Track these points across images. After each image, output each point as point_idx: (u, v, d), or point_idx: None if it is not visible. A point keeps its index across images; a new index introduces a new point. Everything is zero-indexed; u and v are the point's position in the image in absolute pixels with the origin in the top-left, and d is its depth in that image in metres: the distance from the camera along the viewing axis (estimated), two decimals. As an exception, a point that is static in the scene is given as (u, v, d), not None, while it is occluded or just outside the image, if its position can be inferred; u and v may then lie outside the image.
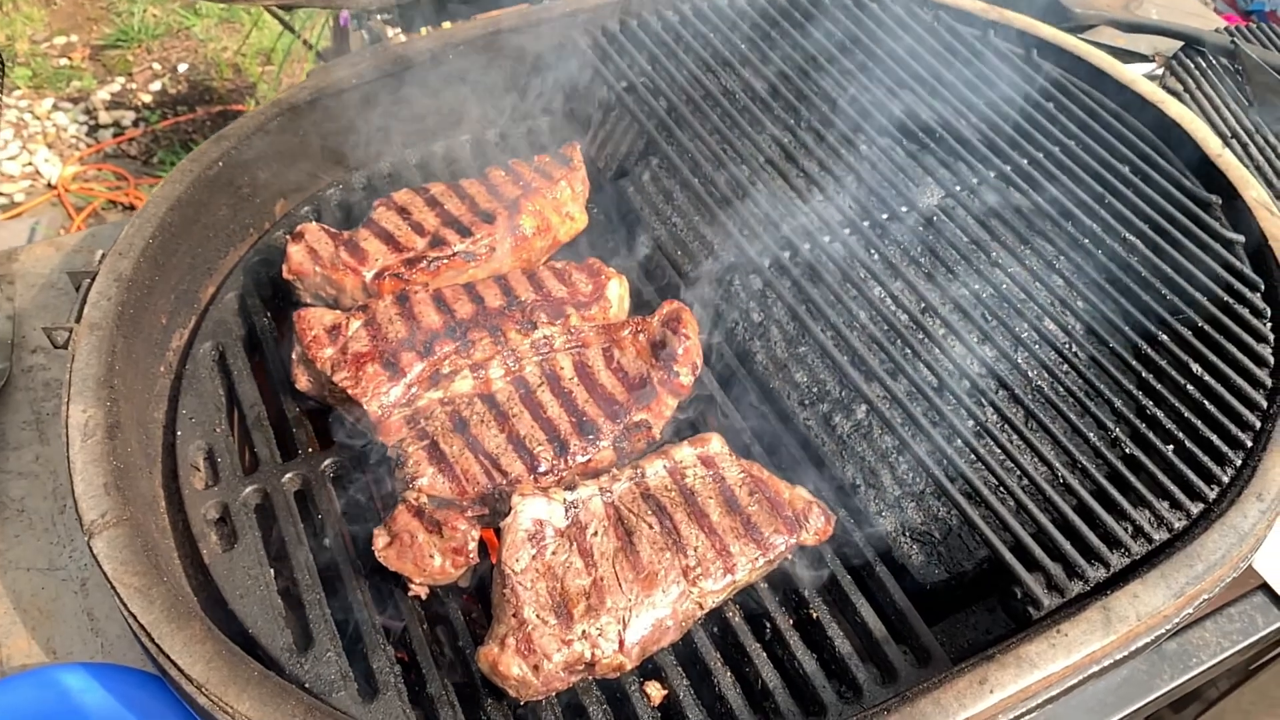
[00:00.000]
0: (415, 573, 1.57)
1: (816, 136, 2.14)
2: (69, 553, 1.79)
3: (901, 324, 1.81)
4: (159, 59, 5.84)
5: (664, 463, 1.66)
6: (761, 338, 1.96)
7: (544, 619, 1.46)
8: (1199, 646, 1.81)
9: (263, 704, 1.33)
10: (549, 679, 1.44)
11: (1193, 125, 2.22)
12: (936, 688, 1.40)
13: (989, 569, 1.68)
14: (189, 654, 1.36)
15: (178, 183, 1.91)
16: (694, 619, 1.55)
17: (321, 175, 2.21)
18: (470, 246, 1.93)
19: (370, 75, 2.19)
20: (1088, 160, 2.13)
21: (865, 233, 1.96)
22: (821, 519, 1.63)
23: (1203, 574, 1.53)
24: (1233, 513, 1.61)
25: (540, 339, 1.81)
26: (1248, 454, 1.71)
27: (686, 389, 1.81)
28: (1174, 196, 2.08)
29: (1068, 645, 1.44)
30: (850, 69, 2.28)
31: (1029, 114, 2.21)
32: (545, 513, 1.55)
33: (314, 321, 1.78)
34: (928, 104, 2.22)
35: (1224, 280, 1.95)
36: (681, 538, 1.56)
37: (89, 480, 1.51)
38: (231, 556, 1.63)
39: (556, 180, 2.07)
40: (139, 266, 1.78)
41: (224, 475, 1.73)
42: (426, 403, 1.74)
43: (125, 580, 1.42)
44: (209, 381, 1.85)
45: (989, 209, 2.04)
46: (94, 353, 1.66)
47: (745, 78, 2.27)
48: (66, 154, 5.22)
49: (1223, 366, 1.82)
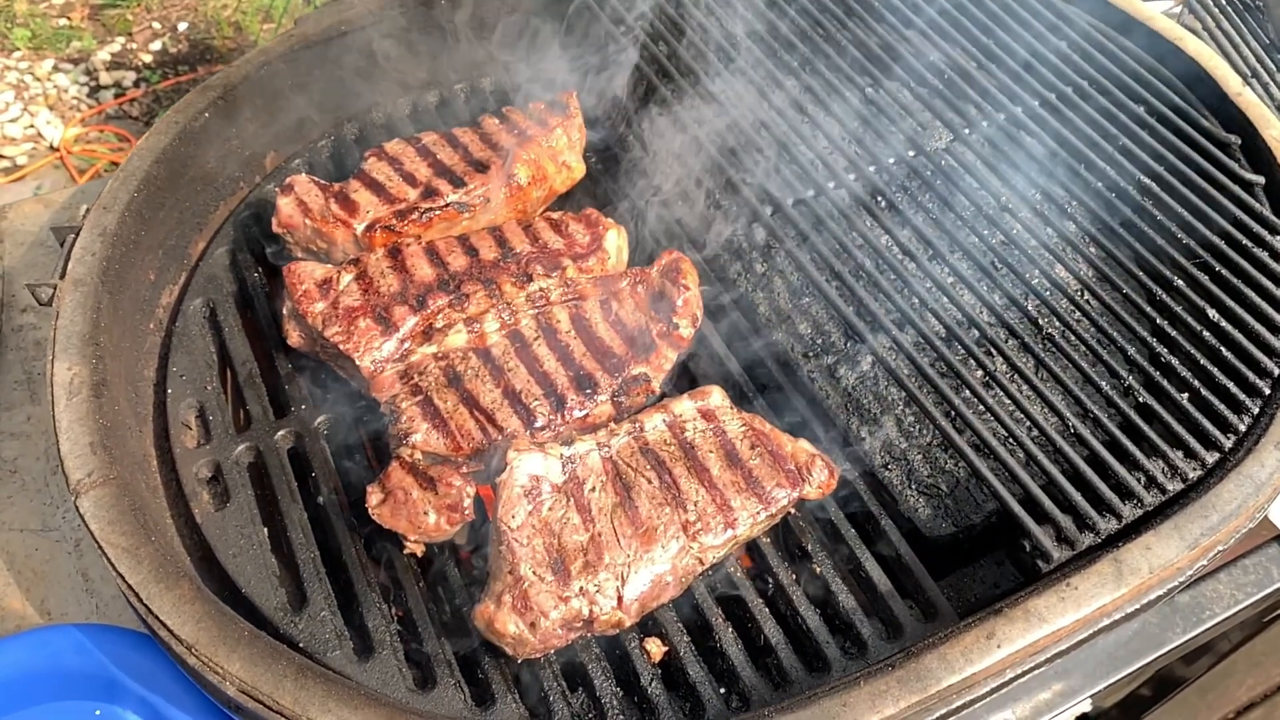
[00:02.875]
0: (410, 530, 1.54)
1: (822, 80, 2.08)
2: (62, 513, 1.77)
3: (909, 272, 1.75)
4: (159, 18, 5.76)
5: (663, 416, 1.62)
6: (765, 288, 1.91)
7: (541, 575, 1.43)
8: (1212, 599, 1.77)
9: (253, 664, 1.31)
10: (546, 636, 1.41)
11: (1211, 63, 2.14)
12: (943, 643, 1.37)
13: (997, 522, 1.64)
14: (178, 614, 1.34)
15: (163, 134, 1.87)
16: (694, 574, 1.52)
17: (313, 126, 2.16)
18: (463, 197, 1.88)
19: (361, 21, 2.13)
20: (1101, 100, 2.06)
21: (870, 178, 1.90)
22: (825, 472, 1.59)
23: (1218, 525, 1.49)
24: (1250, 462, 1.56)
25: (536, 291, 1.76)
26: (1266, 401, 1.66)
27: (686, 341, 1.77)
28: (1191, 137, 2.01)
29: (1077, 599, 1.41)
30: (856, 9, 2.21)
31: (1040, 53, 2.13)
32: (542, 468, 1.52)
33: (304, 276, 1.74)
34: (936, 45, 2.15)
35: (1242, 223, 1.89)
36: (681, 492, 1.53)
37: (74, 439, 1.48)
38: (224, 515, 1.60)
39: (553, 128, 2.01)
40: (124, 221, 1.74)
41: (216, 433, 1.70)
42: (420, 358, 1.70)
43: (113, 540, 1.39)
44: (200, 339, 1.82)
45: (999, 152, 1.97)
46: (79, 309, 1.62)
47: (748, 19, 2.20)
48: (68, 116, 5.17)
49: (1240, 312, 1.75)
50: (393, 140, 1.99)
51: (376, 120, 2.20)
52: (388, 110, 2.22)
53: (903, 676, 1.33)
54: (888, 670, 1.35)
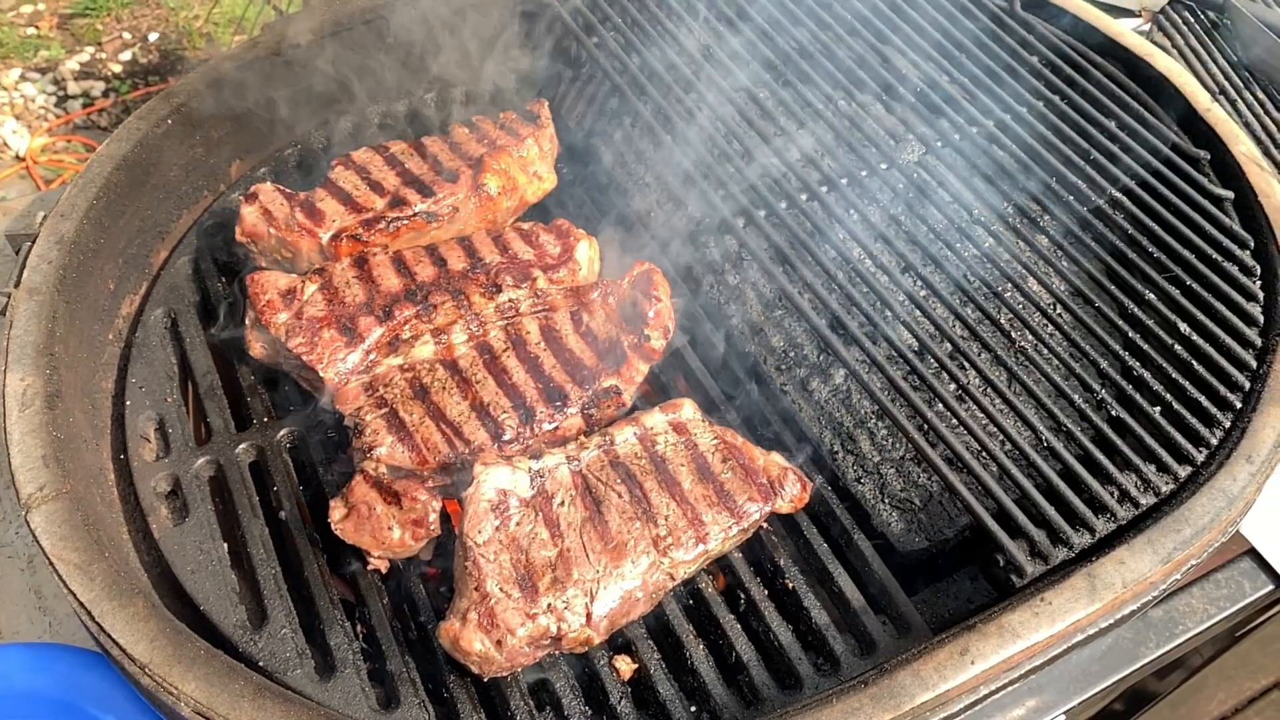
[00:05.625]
0: (374, 545, 1.51)
1: (794, 92, 2.07)
2: (15, 528, 1.73)
3: (881, 285, 1.74)
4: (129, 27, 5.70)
5: (634, 429, 1.60)
6: (737, 300, 1.89)
7: (508, 592, 1.40)
8: (1185, 614, 1.76)
9: (209, 684, 1.27)
10: (513, 654, 1.38)
11: (1181, 79, 2.16)
12: (916, 659, 1.35)
13: (971, 536, 1.63)
14: (131, 632, 1.30)
15: (124, 141, 1.83)
16: (665, 590, 1.49)
17: (280, 134, 2.12)
18: (432, 206, 1.85)
19: (330, 28, 2.10)
20: (1072, 115, 2.06)
21: (844, 191, 1.89)
22: (797, 486, 1.57)
23: (1191, 539, 1.48)
24: (1221, 476, 1.55)
25: (505, 302, 1.74)
26: (1236, 415, 1.66)
27: (658, 353, 1.75)
28: (1161, 152, 2.02)
29: (1051, 614, 1.39)
30: (829, 22, 2.20)
31: (1012, 68, 2.14)
32: (509, 482, 1.49)
33: (268, 285, 1.70)
34: (909, 59, 2.15)
35: (1212, 237, 1.89)
36: (652, 506, 1.50)
37: (26, 452, 1.44)
38: (182, 530, 1.56)
39: (524, 138, 1.99)
40: (81, 229, 1.70)
41: (175, 446, 1.66)
42: (385, 369, 1.66)
43: (64, 556, 1.35)
44: (160, 349, 1.78)
45: (971, 165, 1.97)
46: (33, 319, 1.58)
47: (720, 31, 2.19)
48: (35, 125, 5.09)
49: (1211, 326, 1.76)
50: (360, 149, 1.96)
51: (344, 129, 2.17)
52: (356, 118, 2.19)
53: (876, 694, 1.31)
54: (860, 687, 1.33)
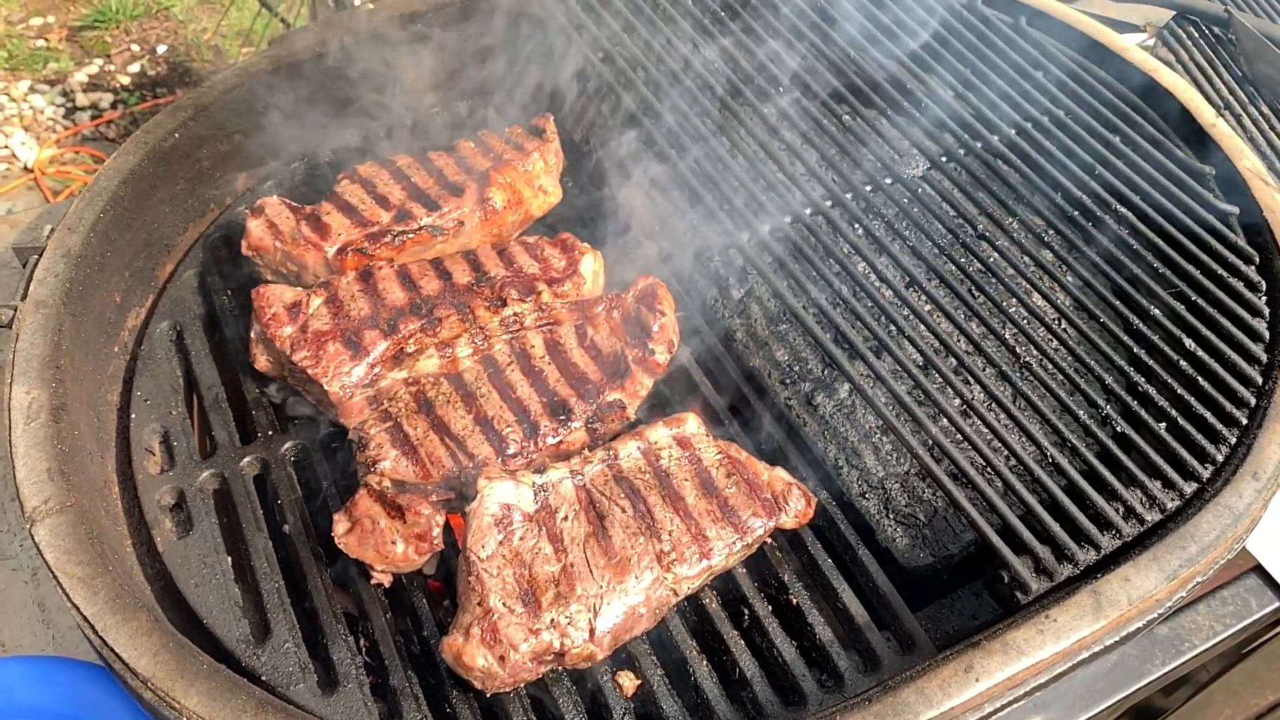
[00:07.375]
0: (377, 560, 1.50)
1: (799, 107, 2.07)
2: (19, 541, 1.73)
3: (886, 300, 1.74)
4: (138, 40, 5.73)
5: (638, 444, 1.60)
6: (742, 315, 1.89)
7: (511, 607, 1.40)
8: (1191, 630, 1.75)
9: (212, 699, 1.26)
10: (516, 670, 1.38)
11: (1186, 94, 2.16)
12: (920, 676, 1.34)
13: (975, 552, 1.62)
14: (134, 646, 1.30)
15: (131, 155, 1.84)
16: (669, 606, 1.49)
17: (286, 148, 2.13)
18: (437, 220, 1.85)
19: (335, 44, 2.11)
20: (1078, 130, 2.06)
21: (848, 205, 1.89)
22: (802, 501, 1.57)
23: (1197, 556, 1.47)
24: (1227, 492, 1.55)
25: (510, 316, 1.74)
26: (1243, 431, 1.65)
27: (662, 367, 1.75)
28: (1166, 168, 2.01)
29: (1056, 631, 1.38)
30: (834, 37, 2.21)
31: (1017, 83, 2.14)
32: (513, 497, 1.49)
33: (273, 299, 1.71)
34: (915, 74, 2.15)
35: (1217, 252, 1.89)
36: (656, 521, 1.50)
37: (31, 465, 1.44)
38: (186, 544, 1.56)
39: (529, 152, 1.99)
40: (89, 242, 1.71)
41: (180, 459, 1.66)
42: (390, 383, 1.67)
43: (68, 569, 1.35)
44: (166, 362, 1.78)
45: (975, 181, 1.97)
46: (39, 332, 1.58)
47: (725, 47, 2.20)
48: (43, 137, 5.12)
49: (1217, 341, 1.75)
50: (366, 162, 1.96)
51: (350, 143, 2.18)
52: (362, 132, 2.20)
53: (879, 711, 1.31)
54: (864, 704, 1.32)
